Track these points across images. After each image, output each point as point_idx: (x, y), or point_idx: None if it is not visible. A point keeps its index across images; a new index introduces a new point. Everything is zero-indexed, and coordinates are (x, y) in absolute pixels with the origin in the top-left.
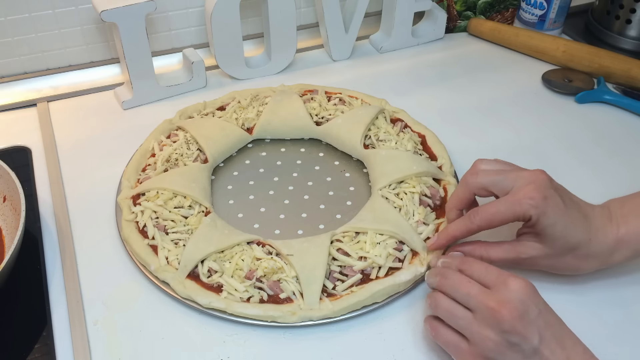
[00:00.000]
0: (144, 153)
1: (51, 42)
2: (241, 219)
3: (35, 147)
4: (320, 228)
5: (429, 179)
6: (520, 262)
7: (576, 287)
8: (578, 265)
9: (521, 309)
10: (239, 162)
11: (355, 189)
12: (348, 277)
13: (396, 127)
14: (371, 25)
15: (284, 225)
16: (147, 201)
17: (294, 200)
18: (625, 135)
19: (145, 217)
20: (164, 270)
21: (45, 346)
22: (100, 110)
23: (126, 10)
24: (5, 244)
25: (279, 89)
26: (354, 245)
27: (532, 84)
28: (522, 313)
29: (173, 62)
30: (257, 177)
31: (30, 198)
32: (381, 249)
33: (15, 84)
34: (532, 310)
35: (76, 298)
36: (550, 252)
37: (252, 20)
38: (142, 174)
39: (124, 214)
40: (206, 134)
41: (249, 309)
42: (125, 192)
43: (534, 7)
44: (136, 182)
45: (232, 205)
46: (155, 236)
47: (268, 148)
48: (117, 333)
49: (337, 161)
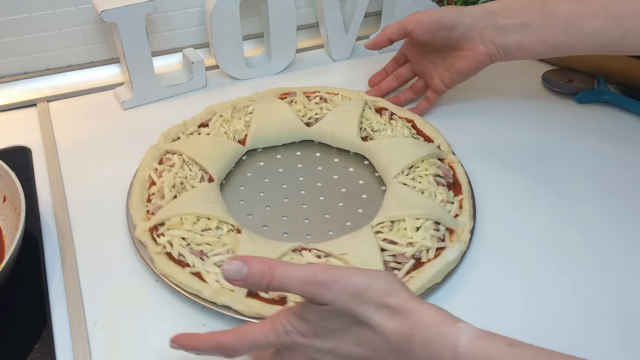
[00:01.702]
0: (142, 183)
1: (51, 42)
2: (268, 231)
3: (35, 147)
4: (348, 225)
5: (435, 160)
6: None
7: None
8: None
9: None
10: (239, 175)
11: (364, 182)
12: (402, 264)
13: (385, 116)
14: (371, 25)
15: (312, 229)
16: (170, 229)
17: (311, 203)
18: (625, 135)
19: (176, 247)
20: (220, 293)
21: (45, 346)
22: (100, 110)
23: (126, 10)
24: (5, 244)
25: (254, 96)
26: (396, 233)
27: (532, 84)
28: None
29: (173, 62)
30: (265, 187)
31: (30, 198)
32: (424, 232)
33: (15, 84)
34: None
35: (76, 298)
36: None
37: (252, 20)
38: (150, 204)
39: (150, 248)
40: (203, 153)
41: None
42: (142, 225)
43: None
44: (146, 214)
45: (252, 218)
46: (196, 263)
47: (263, 157)
48: (117, 333)
49: (336, 158)
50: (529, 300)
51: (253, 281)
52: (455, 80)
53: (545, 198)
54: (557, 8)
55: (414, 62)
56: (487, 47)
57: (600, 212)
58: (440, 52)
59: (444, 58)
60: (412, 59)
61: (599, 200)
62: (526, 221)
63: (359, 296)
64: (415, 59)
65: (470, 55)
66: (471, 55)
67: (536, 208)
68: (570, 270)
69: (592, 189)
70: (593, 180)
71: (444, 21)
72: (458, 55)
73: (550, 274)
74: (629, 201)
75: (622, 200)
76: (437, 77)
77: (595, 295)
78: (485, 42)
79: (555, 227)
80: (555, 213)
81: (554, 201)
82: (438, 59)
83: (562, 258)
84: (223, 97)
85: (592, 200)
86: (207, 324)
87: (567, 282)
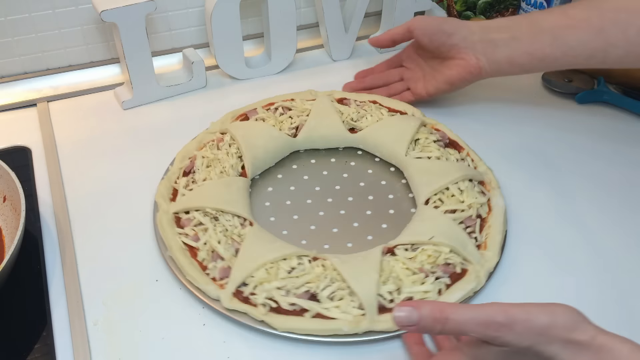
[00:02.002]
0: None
1: (51, 42)
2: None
3: (35, 147)
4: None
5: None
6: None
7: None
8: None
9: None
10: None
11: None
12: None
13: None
14: (371, 25)
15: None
16: (260, 284)
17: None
18: (625, 134)
19: (282, 299)
20: (358, 321)
21: (45, 346)
22: (100, 110)
23: (126, 10)
24: (5, 244)
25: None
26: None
27: (532, 84)
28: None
29: (173, 62)
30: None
31: (30, 198)
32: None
33: (15, 84)
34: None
35: (76, 298)
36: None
37: (252, 20)
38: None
39: (252, 313)
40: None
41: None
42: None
43: (533, 7)
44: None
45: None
46: (312, 307)
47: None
48: (117, 333)
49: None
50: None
51: (425, 325)
52: (439, 89)
53: (544, 197)
54: (544, 22)
55: (406, 66)
56: (479, 59)
57: (600, 211)
58: (433, 60)
59: (434, 67)
60: (405, 62)
61: (598, 200)
62: (527, 219)
63: (544, 335)
64: (408, 62)
65: (461, 65)
66: (462, 65)
67: (535, 207)
68: (572, 271)
69: (590, 189)
70: (591, 180)
71: (444, 27)
72: (449, 64)
73: (553, 275)
74: (629, 201)
75: (621, 200)
76: (422, 83)
77: (599, 296)
78: (477, 55)
79: (556, 227)
80: (556, 212)
81: (553, 200)
82: (428, 68)
83: (564, 259)
84: (223, 97)
85: (592, 199)
86: (207, 324)
87: (570, 283)
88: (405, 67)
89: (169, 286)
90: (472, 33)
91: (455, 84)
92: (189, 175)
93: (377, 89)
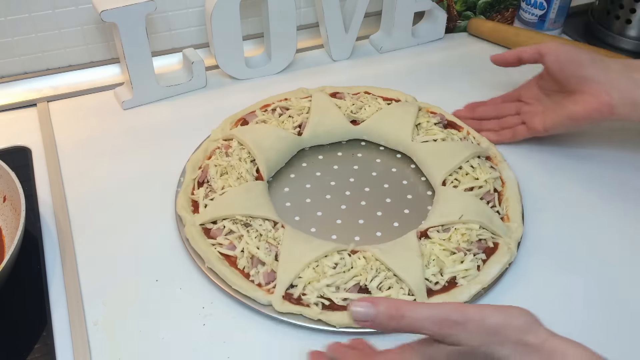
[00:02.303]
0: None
1: (51, 42)
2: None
3: (35, 147)
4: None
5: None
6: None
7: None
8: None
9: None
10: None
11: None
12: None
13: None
14: (371, 25)
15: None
16: (309, 284)
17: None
18: None
19: (334, 296)
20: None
21: (45, 346)
22: (100, 110)
23: (126, 10)
24: (5, 244)
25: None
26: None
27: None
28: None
29: (173, 62)
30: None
31: (30, 198)
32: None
33: (15, 84)
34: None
35: (76, 298)
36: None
37: (252, 20)
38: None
39: (307, 313)
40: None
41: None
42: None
43: (534, 7)
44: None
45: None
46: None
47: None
48: (117, 333)
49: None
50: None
51: (381, 322)
52: (559, 124)
53: (546, 163)
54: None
55: (524, 100)
56: (611, 97)
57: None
58: (557, 95)
59: (558, 101)
60: (524, 97)
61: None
62: (534, 188)
63: (497, 335)
64: (528, 97)
65: (589, 101)
66: (590, 101)
67: (539, 174)
68: (606, 268)
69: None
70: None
71: (579, 56)
72: (575, 98)
73: (574, 237)
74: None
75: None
76: (540, 117)
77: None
78: (610, 92)
79: (565, 188)
80: (562, 175)
81: (557, 164)
82: (550, 102)
83: (596, 257)
84: (223, 97)
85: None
86: (207, 324)
87: (578, 283)
88: (523, 102)
89: (169, 286)
90: (610, 68)
91: (578, 120)
92: (204, 185)
93: (487, 120)
